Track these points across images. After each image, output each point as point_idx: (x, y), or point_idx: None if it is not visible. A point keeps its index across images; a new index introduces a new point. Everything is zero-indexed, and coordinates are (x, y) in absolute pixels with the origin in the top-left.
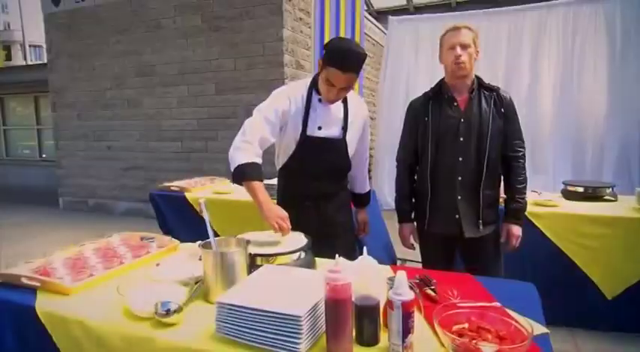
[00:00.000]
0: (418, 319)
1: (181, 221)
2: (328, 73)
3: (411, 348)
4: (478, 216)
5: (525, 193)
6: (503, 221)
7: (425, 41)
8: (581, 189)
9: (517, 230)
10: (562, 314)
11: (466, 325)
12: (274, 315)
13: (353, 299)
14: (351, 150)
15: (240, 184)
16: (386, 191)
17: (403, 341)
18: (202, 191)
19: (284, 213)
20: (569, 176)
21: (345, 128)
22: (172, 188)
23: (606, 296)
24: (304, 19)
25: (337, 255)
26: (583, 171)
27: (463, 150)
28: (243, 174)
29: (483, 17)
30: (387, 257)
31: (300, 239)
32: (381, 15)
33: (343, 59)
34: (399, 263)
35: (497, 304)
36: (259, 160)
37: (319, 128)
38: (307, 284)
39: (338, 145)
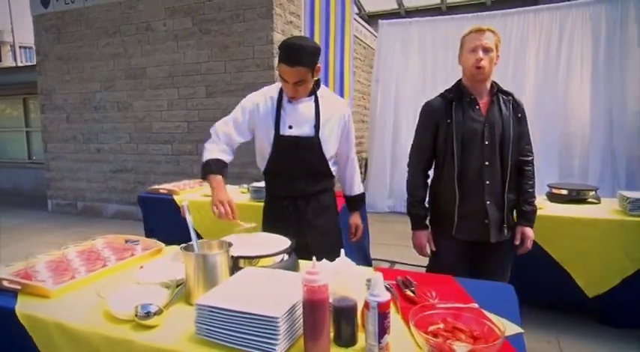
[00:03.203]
0: (396, 320)
1: (169, 224)
2: (280, 69)
3: (388, 349)
4: (503, 220)
5: (535, 197)
6: (517, 224)
7: (414, 44)
8: (565, 192)
9: (531, 232)
10: (543, 312)
11: (441, 325)
12: (252, 317)
13: (331, 300)
14: (329, 150)
15: (204, 179)
16: (376, 194)
17: (379, 342)
18: (191, 194)
19: (226, 197)
20: (557, 180)
21: (317, 126)
22: (161, 191)
23: (588, 295)
24: (295, 23)
25: (314, 258)
26: (570, 175)
27: (489, 154)
28: (203, 170)
29: (472, 21)
30: (363, 259)
31: (283, 241)
32: (372, 18)
33: (288, 53)
34: (387, 265)
35: (475, 305)
36: (224, 156)
37: (290, 127)
38: (287, 286)
39: (310, 144)
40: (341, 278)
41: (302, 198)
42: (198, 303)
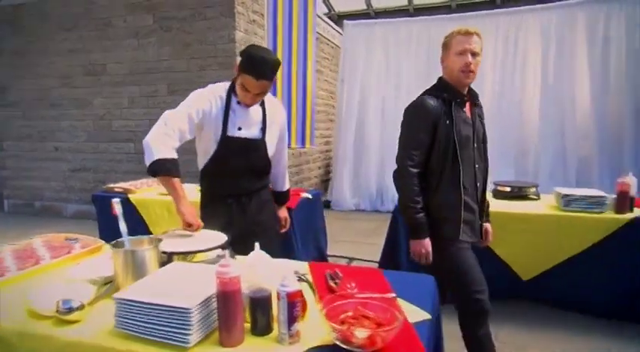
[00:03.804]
0: (315, 309)
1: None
2: (243, 79)
3: (298, 336)
4: (482, 220)
5: None
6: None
7: (379, 44)
8: (508, 189)
9: (490, 227)
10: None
11: (350, 313)
12: (166, 308)
13: (247, 292)
14: (270, 151)
15: (155, 176)
16: (340, 192)
17: (289, 329)
18: (148, 192)
19: (194, 210)
20: (512, 178)
21: (264, 129)
22: (116, 189)
23: (522, 277)
24: (258, 21)
25: (257, 244)
26: (525, 175)
27: (477, 156)
28: (164, 169)
29: (440, 23)
30: (319, 254)
31: (220, 237)
32: (342, 19)
33: (256, 67)
34: (345, 262)
35: (392, 294)
36: (176, 155)
37: (239, 129)
38: (209, 280)
39: (258, 145)
40: (256, 270)
41: (246, 195)
42: (115, 297)
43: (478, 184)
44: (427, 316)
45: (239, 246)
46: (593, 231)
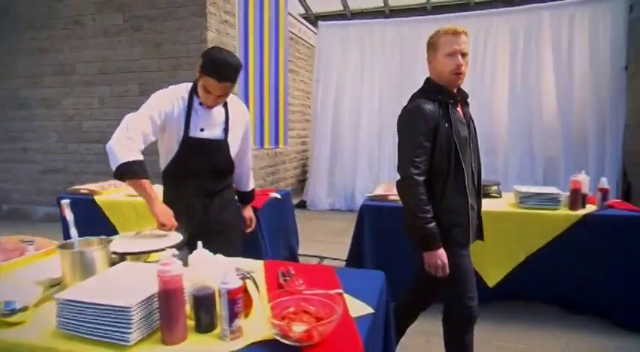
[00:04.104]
0: (263, 306)
1: (89, 226)
2: (205, 81)
3: (240, 332)
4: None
5: None
6: None
7: (353, 45)
8: None
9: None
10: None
11: (292, 309)
12: (106, 308)
13: (191, 290)
14: (233, 151)
15: (123, 180)
16: (316, 192)
17: (230, 326)
18: (115, 193)
19: (170, 211)
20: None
21: (226, 130)
22: (82, 191)
23: (488, 284)
24: (230, 22)
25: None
26: (495, 174)
27: (474, 158)
28: (131, 172)
29: (413, 24)
30: (290, 254)
31: (176, 237)
32: (319, 20)
33: (218, 70)
34: (316, 261)
35: (339, 290)
36: (142, 157)
37: (201, 130)
38: (154, 279)
39: (220, 146)
40: (202, 269)
41: (208, 195)
42: (57, 297)
43: (476, 184)
44: (370, 310)
45: (203, 245)
46: (550, 227)
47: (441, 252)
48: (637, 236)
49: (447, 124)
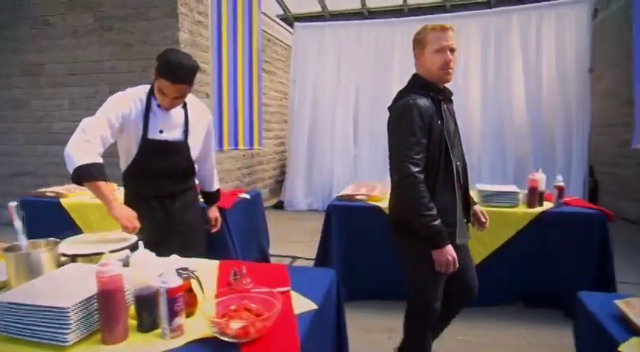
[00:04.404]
0: (210, 305)
1: (55, 229)
2: (160, 83)
3: (180, 330)
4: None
5: None
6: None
7: (329, 45)
8: None
9: (479, 208)
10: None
11: (233, 307)
12: (43, 309)
13: (134, 290)
14: (194, 153)
15: (81, 184)
16: (294, 192)
17: (170, 324)
18: (81, 196)
19: (132, 213)
20: None
21: (186, 132)
22: (47, 194)
23: None
24: (204, 23)
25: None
26: (471, 170)
27: (460, 155)
28: (88, 175)
29: (388, 26)
30: (261, 254)
31: (130, 238)
32: (298, 20)
33: (172, 72)
34: (289, 261)
35: (286, 288)
36: (101, 160)
37: (160, 132)
38: None
39: (180, 148)
40: (142, 269)
41: (169, 197)
42: None
43: (462, 181)
44: (314, 306)
45: (164, 246)
46: (510, 225)
47: (449, 247)
48: (589, 231)
49: (439, 121)
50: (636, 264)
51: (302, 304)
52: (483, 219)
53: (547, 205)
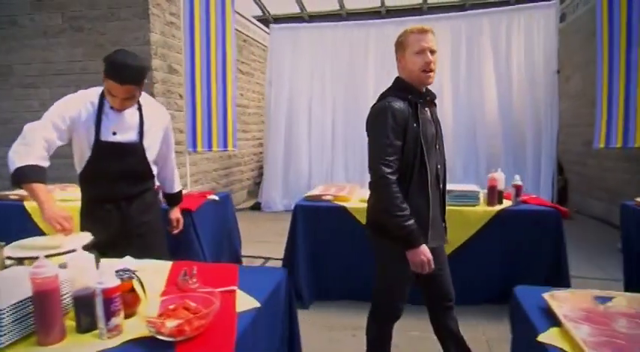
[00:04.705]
0: (153, 305)
1: (18, 232)
2: (108, 84)
3: (117, 330)
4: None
5: None
6: None
7: (304, 47)
8: None
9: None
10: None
11: (172, 306)
12: None
13: (72, 291)
14: (151, 155)
15: (20, 187)
16: (270, 193)
17: (107, 324)
18: None
19: (66, 214)
20: None
21: (141, 133)
22: (11, 197)
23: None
24: (176, 24)
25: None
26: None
27: (440, 157)
28: (23, 176)
29: (361, 28)
30: (232, 256)
31: (83, 240)
32: (278, 21)
33: (119, 73)
34: (261, 261)
35: (233, 287)
36: (43, 163)
37: (114, 133)
38: None
39: (135, 150)
40: (80, 271)
41: (125, 199)
42: None
43: (441, 185)
44: (257, 304)
45: (122, 249)
46: (470, 223)
47: (424, 247)
48: (545, 228)
49: (415, 124)
50: (596, 260)
51: (245, 302)
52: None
53: (506, 203)
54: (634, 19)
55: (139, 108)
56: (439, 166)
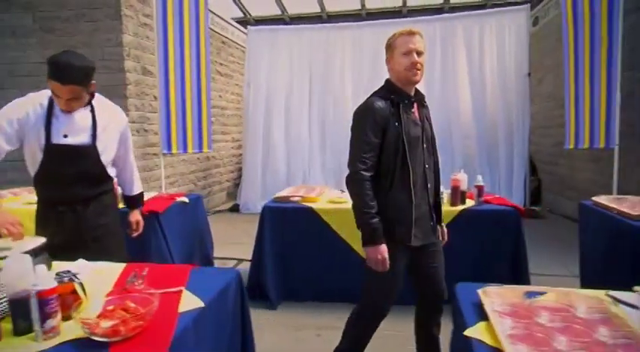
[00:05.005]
0: (95, 306)
1: None
2: (51, 85)
3: (54, 331)
4: (437, 220)
5: None
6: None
7: (282, 49)
8: None
9: (444, 228)
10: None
11: (111, 307)
12: None
13: (8, 295)
14: (106, 157)
15: None
16: (249, 195)
17: (42, 326)
18: (12, 202)
19: (14, 219)
20: None
21: (94, 135)
22: None
23: None
24: (150, 25)
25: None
26: None
27: (427, 157)
28: None
29: (338, 31)
30: (203, 258)
31: (35, 243)
32: (259, 23)
33: (60, 73)
34: (234, 263)
35: (180, 288)
36: None
37: (65, 136)
38: None
39: (88, 152)
40: (13, 274)
41: (80, 202)
42: None
43: (429, 185)
44: (200, 304)
45: (79, 252)
46: None
47: (383, 247)
48: (505, 227)
49: (396, 123)
50: (561, 257)
51: (189, 302)
52: (447, 238)
53: (469, 203)
54: (596, 23)
55: (92, 110)
56: (427, 166)
